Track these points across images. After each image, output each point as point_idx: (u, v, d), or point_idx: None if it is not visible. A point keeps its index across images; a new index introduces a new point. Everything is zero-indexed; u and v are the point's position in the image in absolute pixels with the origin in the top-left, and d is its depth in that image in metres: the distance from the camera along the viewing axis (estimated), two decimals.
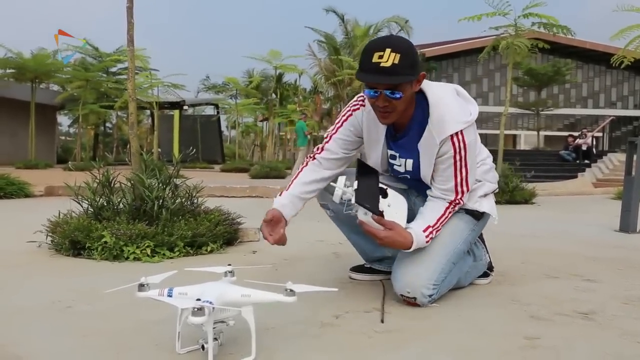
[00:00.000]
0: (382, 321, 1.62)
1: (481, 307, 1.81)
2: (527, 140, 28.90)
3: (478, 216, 1.96)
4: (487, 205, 1.97)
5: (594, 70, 28.17)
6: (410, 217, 1.84)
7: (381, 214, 1.70)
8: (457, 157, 1.77)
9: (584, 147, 15.01)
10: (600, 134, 20.77)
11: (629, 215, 3.95)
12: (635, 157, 4.08)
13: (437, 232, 1.82)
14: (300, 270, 2.36)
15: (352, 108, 1.94)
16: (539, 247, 3.12)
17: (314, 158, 1.98)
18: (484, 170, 1.98)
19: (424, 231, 1.78)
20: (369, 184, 1.72)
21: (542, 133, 24.37)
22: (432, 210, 1.84)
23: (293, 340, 1.45)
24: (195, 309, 1.14)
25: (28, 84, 19.02)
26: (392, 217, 1.74)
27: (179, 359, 1.30)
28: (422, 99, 1.79)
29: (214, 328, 1.23)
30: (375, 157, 1.94)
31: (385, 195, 1.76)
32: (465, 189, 1.83)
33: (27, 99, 18.83)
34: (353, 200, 1.66)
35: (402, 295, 1.79)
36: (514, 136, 29.35)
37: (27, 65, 18.29)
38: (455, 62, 26.64)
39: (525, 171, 7.59)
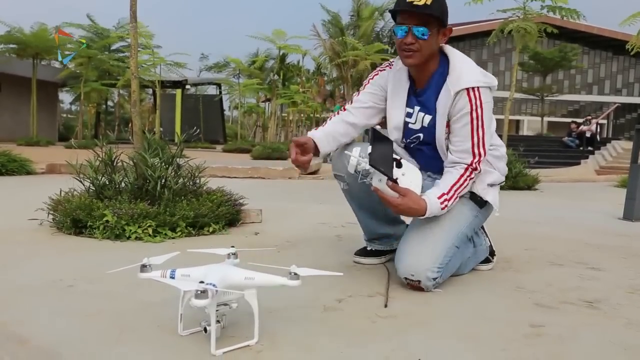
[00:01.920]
0: (386, 306, 1.61)
1: (486, 294, 1.79)
2: (530, 126, 28.76)
3: (481, 204, 1.94)
4: (492, 195, 1.95)
5: (600, 57, 27.89)
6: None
7: (395, 180, 1.70)
8: (474, 115, 1.77)
9: (588, 134, 14.96)
10: (604, 121, 20.66)
11: (633, 203, 3.92)
12: None
13: (453, 201, 1.79)
14: (302, 253, 2.35)
15: (379, 69, 2.05)
16: (542, 233, 3.10)
17: (344, 109, 2.05)
18: (497, 156, 1.98)
19: (439, 198, 1.76)
20: (383, 150, 1.73)
21: (546, 119, 24.22)
22: (446, 178, 1.83)
23: (296, 324, 1.44)
24: (199, 292, 1.13)
25: (29, 60, 18.88)
26: (407, 185, 1.73)
27: (181, 341, 1.29)
28: (444, 61, 1.86)
29: (216, 310, 1.22)
30: (396, 116, 1.97)
31: (399, 166, 1.76)
32: (482, 151, 1.81)
33: (29, 75, 18.71)
34: (368, 167, 1.68)
35: (405, 278, 1.78)
36: (517, 121, 29.20)
37: (28, 41, 18.13)
38: (461, 45, 26.36)
39: (528, 157, 7.54)
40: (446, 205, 1.77)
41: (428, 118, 1.90)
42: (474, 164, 1.81)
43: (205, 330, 1.25)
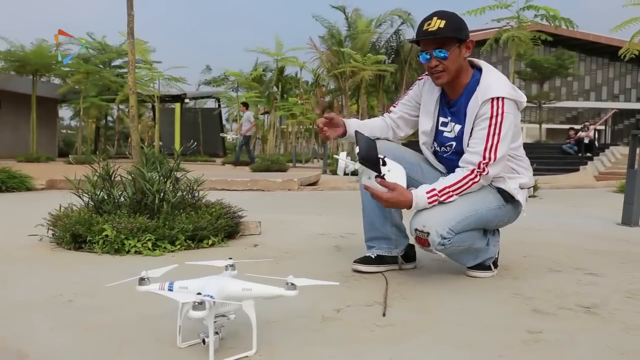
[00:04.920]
0: (384, 314, 1.62)
1: (483, 301, 1.80)
2: (529, 133, 28.82)
3: (507, 198, 2.04)
4: (521, 196, 2.07)
5: (596, 63, 28.03)
6: None
7: (382, 176, 1.84)
8: (493, 121, 1.88)
9: (586, 140, 14.93)
10: (602, 127, 20.68)
11: (631, 208, 3.93)
12: (638, 150, 4.07)
13: (446, 197, 1.88)
14: (301, 264, 2.36)
15: (418, 79, 2.22)
16: (541, 240, 3.11)
17: (383, 115, 2.30)
18: (525, 167, 2.11)
19: (427, 192, 1.86)
20: (369, 150, 1.86)
21: (544, 126, 24.28)
22: (449, 177, 1.94)
23: (294, 334, 1.44)
24: (196, 303, 1.14)
25: (29, 77, 18.97)
26: (393, 180, 1.87)
27: (180, 353, 1.30)
28: (478, 73, 2.00)
29: (215, 322, 1.23)
30: (425, 123, 2.12)
31: (384, 164, 1.90)
32: (492, 156, 1.89)
33: (29, 92, 18.79)
34: (356, 167, 1.87)
35: (416, 229, 1.87)
36: None
37: (28, 58, 18.22)
38: None
39: None
40: (436, 200, 1.87)
41: (458, 127, 2.03)
42: (482, 165, 1.90)
43: (203, 342, 1.26)
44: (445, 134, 2.09)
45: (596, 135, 16.24)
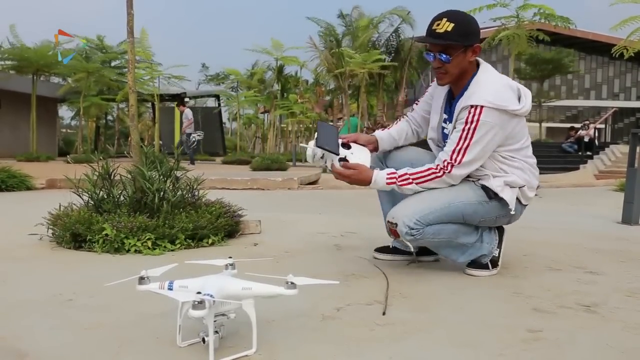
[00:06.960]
0: (384, 313, 1.62)
1: (483, 300, 1.80)
2: (528, 131, 28.80)
3: (490, 195, 2.03)
4: (508, 194, 2.04)
5: (596, 62, 28.01)
6: None
7: (344, 158, 2.00)
8: (467, 127, 1.91)
9: (586, 139, 14.93)
10: (602, 126, 20.67)
11: (631, 207, 3.93)
12: (638, 148, 4.06)
13: (404, 182, 1.96)
14: (301, 263, 2.36)
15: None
16: (541, 239, 3.11)
17: (407, 115, 2.35)
18: (516, 167, 2.08)
19: (388, 174, 1.96)
20: (328, 134, 2.03)
21: (544, 125, 24.25)
22: (418, 167, 2.01)
23: (294, 333, 1.44)
24: (196, 302, 1.14)
25: (29, 77, 18.96)
26: (356, 161, 2.01)
27: (180, 352, 1.30)
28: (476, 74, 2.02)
29: (214, 321, 1.23)
30: (433, 119, 2.17)
31: (348, 147, 2.07)
32: (459, 158, 1.93)
33: (28, 92, 18.78)
34: (320, 153, 2.00)
35: (388, 222, 1.97)
36: None
37: (28, 57, 18.20)
38: None
39: None
40: (394, 182, 1.96)
41: (450, 126, 2.06)
42: (446, 163, 1.95)
43: (203, 341, 1.25)
44: (445, 131, 2.14)
45: (596, 134, 16.23)
